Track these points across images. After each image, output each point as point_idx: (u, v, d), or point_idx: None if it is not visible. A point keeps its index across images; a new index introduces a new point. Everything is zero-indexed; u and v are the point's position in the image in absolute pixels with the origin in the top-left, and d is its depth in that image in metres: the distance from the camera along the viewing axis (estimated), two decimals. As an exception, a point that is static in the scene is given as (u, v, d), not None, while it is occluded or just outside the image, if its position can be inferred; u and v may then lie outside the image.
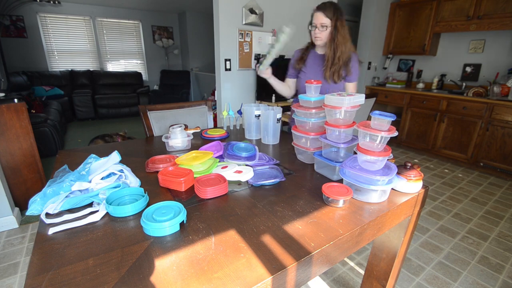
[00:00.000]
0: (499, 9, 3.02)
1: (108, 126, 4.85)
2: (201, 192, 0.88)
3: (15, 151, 2.01)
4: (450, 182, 2.91)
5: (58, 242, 0.66)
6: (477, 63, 3.54)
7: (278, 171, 1.07)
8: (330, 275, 1.61)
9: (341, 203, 0.84)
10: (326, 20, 1.43)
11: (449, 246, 1.89)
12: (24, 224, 2.01)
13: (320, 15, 1.44)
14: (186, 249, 0.65)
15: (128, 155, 1.23)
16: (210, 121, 1.92)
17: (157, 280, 0.56)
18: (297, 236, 0.71)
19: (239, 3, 2.74)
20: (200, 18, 6.13)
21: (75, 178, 0.87)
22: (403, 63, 4.32)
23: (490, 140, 3.03)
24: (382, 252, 1.14)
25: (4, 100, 1.94)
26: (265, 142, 1.48)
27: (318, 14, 1.45)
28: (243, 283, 0.56)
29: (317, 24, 1.46)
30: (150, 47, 6.22)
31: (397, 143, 4.00)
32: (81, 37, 5.44)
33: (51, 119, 3.28)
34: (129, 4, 5.40)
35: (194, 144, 1.41)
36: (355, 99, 1.01)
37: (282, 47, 1.44)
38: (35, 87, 4.62)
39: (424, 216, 2.25)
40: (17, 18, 4.74)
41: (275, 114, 1.40)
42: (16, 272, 1.58)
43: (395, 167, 0.93)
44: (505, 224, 2.17)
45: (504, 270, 1.69)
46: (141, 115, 1.66)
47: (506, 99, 2.92)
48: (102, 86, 5.50)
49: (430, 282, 1.58)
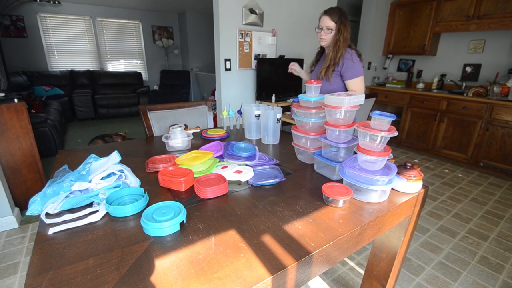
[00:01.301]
0: (499, 9, 3.02)
1: (108, 126, 4.85)
2: (201, 192, 0.88)
3: (15, 151, 2.01)
4: (450, 182, 2.91)
5: (58, 242, 0.66)
6: (477, 63, 3.54)
7: (278, 171, 1.07)
8: (330, 275, 1.61)
9: (341, 203, 0.84)
10: (331, 24, 1.54)
11: (449, 246, 1.89)
12: (24, 224, 2.01)
13: (326, 18, 1.55)
14: (186, 249, 0.65)
15: (128, 155, 1.23)
16: (210, 121, 1.92)
17: (157, 280, 0.56)
18: (297, 236, 0.71)
19: (239, 3, 2.74)
20: (200, 18, 6.13)
21: (75, 178, 0.87)
22: (403, 63, 4.32)
23: (490, 140, 3.03)
24: (382, 252, 1.14)
25: (4, 100, 1.94)
26: (265, 142, 1.48)
27: (324, 18, 1.56)
28: (243, 283, 0.56)
29: (323, 27, 1.57)
30: (150, 47, 6.21)
31: (397, 143, 4.00)
32: (81, 37, 5.44)
33: (51, 119, 3.28)
34: (129, 4, 5.40)
35: (194, 144, 1.41)
36: (355, 99, 1.01)
37: None
38: (35, 87, 4.62)
39: (424, 216, 2.25)
40: (17, 18, 4.74)
41: (275, 114, 1.40)
42: (16, 272, 1.58)
43: (395, 167, 0.93)
44: (505, 224, 2.17)
45: (504, 270, 1.69)
46: (141, 115, 1.66)
47: (506, 99, 2.92)
48: (102, 86, 5.50)
49: (430, 282, 1.58)
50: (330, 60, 1.60)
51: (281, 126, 1.83)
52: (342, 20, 1.54)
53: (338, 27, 1.55)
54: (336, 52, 1.57)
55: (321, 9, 1.56)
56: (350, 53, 1.57)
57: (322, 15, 1.59)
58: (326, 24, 1.55)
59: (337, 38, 1.56)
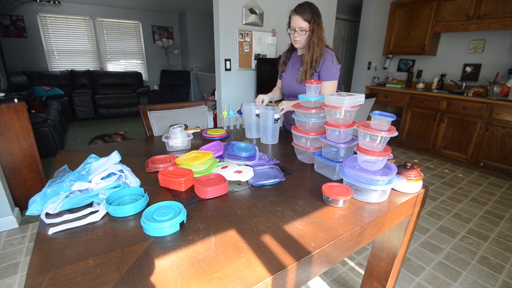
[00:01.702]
0: (499, 9, 3.02)
1: (108, 126, 4.85)
2: (201, 192, 0.88)
3: (15, 151, 2.01)
4: (450, 182, 2.91)
5: (58, 242, 0.66)
6: (477, 63, 3.54)
7: (278, 171, 1.07)
8: (330, 275, 1.61)
9: (341, 203, 0.84)
10: (304, 24, 1.40)
11: (449, 246, 1.89)
12: (24, 224, 2.01)
13: (298, 19, 1.41)
14: (186, 249, 0.65)
15: (128, 155, 1.23)
16: (210, 121, 1.92)
17: (157, 280, 0.56)
18: (297, 236, 0.71)
19: (239, 3, 2.74)
20: (200, 18, 6.13)
21: (75, 178, 0.87)
22: (403, 63, 4.32)
23: (490, 140, 3.03)
24: (382, 252, 1.14)
25: (4, 100, 1.94)
26: (264, 142, 1.49)
27: (296, 18, 1.41)
28: (243, 283, 0.56)
29: (296, 28, 1.43)
30: (150, 47, 6.21)
31: (397, 143, 4.00)
32: (81, 37, 5.43)
33: (51, 119, 3.28)
34: (129, 4, 5.40)
35: (194, 144, 1.41)
36: (355, 99, 1.01)
37: None
38: (35, 87, 4.62)
39: (424, 216, 2.25)
40: (17, 18, 4.74)
41: (273, 114, 1.40)
42: (16, 272, 1.58)
43: (395, 167, 0.93)
44: (505, 224, 2.17)
45: (504, 270, 1.69)
46: (141, 115, 1.66)
47: (506, 99, 2.91)
48: (102, 86, 5.50)
49: (430, 282, 1.58)
50: (307, 64, 1.48)
51: (282, 126, 1.83)
52: (315, 19, 1.40)
53: (311, 27, 1.41)
54: (312, 55, 1.45)
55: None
56: (331, 54, 1.46)
57: (292, 14, 1.43)
58: (299, 24, 1.41)
59: (312, 39, 1.43)
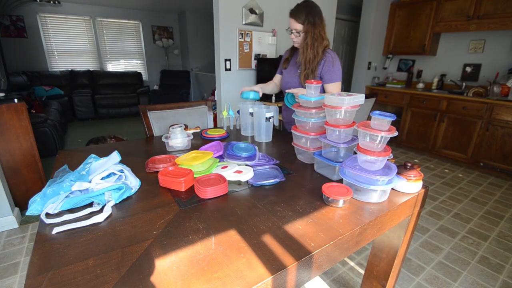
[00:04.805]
0: (499, 9, 3.02)
1: (108, 126, 4.85)
2: (201, 192, 0.88)
3: (15, 151, 2.01)
4: (450, 182, 2.91)
5: (58, 242, 0.66)
6: (477, 63, 3.54)
7: (278, 171, 1.07)
8: (330, 275, 1.61)
9: (341, 203, 0.84)
10: (298, 26, 1.42)
11: (449, 246, 1.89)
12: (24, 224, 2.01)
13: (292, 21, 1.43)
14: (186, 249, 0.65)
15: (128, 155, 1.23)
16: (210, 121, 1.92)
17: (157, 280, 0.56)
18: (297, 236, 0.71)
19: (239, 3, 2.74)
20: (200, 18, 6.13)
21: (75, 178, 0.87)
22: (403, 63, 4.32)
23: (490, 140, 3.03)
24: (382, 252, 1.14)
25: (4, 100, 1.94)
26: (257, 140, 1.51)
27: (291, 20, 1.44)
28: (243, 283, 0.56)
29: (292, 29, 1.46)
30: (150, 47, 6.21)
31: (397, 143, 4.00)
32: (81, 37, 5.44)
33: (51, 119, 3.28)
34: (129, 4, 5.40)
35: (194, 144, 1.41)
36: (355, 99, 1.01)
37: None
38: (35, 87, 4.62)
39: (424, 216, 2.25)
40: (17, 18, 4.74)
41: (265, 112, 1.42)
42: (16, 272, 1.58)
43: (395, 167, 0.93)
44: (505, 224, 2.17)
45: (504, 270, 1.69)
46: (141, 115, 1.66)
47: (506, 99, 2.91)
48: (102, 86, 5.50)
49: (430, 282, 1.58)
50: (301, 65, 1.49)
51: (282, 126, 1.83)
52: (309, 19, 1.39)
53: (305, 29, 1.41)
54: (306, 56, 1.45)
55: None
56: (331, 55, 1.46)
57: (289, 16, 1.45)
58: (294, 27, 1.43)
59: (306, 41, 1.43)
